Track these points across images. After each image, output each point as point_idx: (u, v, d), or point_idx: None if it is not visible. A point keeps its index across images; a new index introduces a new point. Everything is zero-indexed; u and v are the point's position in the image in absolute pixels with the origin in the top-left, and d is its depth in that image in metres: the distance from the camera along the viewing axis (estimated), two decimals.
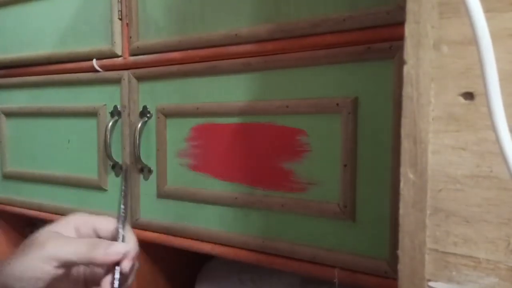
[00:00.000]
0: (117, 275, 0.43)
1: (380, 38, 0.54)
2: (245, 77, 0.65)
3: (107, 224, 0.47)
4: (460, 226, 0.30)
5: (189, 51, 0.71)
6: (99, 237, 0.47)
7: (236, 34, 0.65)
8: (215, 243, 0.70)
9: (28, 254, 0.42)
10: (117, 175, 0.82)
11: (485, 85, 0.25)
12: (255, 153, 0.65)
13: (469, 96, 0.29)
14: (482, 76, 0.25)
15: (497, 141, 0.25)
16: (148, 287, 0.83)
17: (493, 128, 0.25)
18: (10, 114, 1.00)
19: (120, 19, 0.79)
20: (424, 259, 0.31)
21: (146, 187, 0.78)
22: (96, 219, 0.47)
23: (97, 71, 0.83)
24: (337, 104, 0.57)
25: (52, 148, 0.92)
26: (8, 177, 1.01)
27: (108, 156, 0.81)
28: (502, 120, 0.25)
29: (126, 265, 0.43)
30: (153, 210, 0.78)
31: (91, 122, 0.85)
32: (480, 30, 0.24)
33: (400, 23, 0.31)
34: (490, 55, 0.24)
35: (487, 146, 0.28)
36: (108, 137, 0.80)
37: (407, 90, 0.31)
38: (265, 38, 0.63)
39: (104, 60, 0.82)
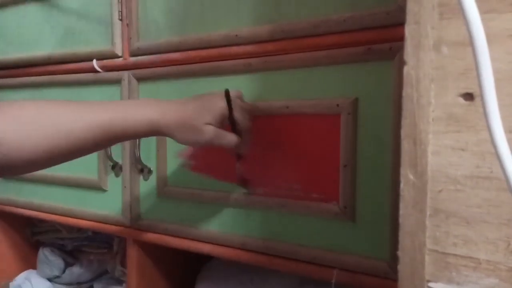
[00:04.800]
0: None
1: (380, 39, 0.54)
2: (246, 78, 0.65)
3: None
4: (460, 227, 0.30)
5: (189, 51, 0.71)
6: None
7: (236, 35, 0.65)
8: (215, 243, 0.70)
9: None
10: (117, 176, 0.82)
11: (480, 86, 0.25)
12: (255, 154, 0.65)
13: (469, 96, 0.29)
14: (478, 77, 0.25)
15: (492, 142, 0.25)
16: (148, 287, 0.83)
17: (489, 129, 0.25)
18: None
19: (121, 20, 0.79)
20: (424, 260, 0.31)
21: (146, 188, 0.78)
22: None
23: (98, 71, 0.83)
24: (337, 105, 0.57)
25: None
26: (8, 177, 1.01)
27: (108, 156, 0.81)
28: (498, 122, 0.24)
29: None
30: (153, 211, 0.78)
31: None
32: (475, 31, 0.24)
33: (400, 24, 0.31)
34: (485, 57, 0.24)
35: (487, 146, 0.28)
36: None
37: (407, 91, 0.31)
38: (265, 39, 0.63)
39: (104, 61, 0.82)
